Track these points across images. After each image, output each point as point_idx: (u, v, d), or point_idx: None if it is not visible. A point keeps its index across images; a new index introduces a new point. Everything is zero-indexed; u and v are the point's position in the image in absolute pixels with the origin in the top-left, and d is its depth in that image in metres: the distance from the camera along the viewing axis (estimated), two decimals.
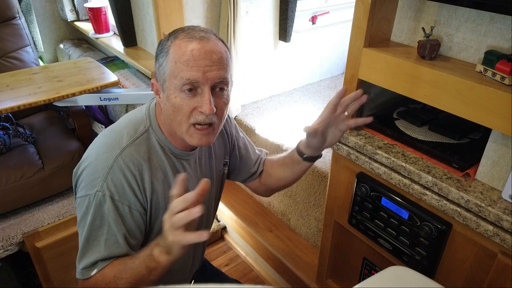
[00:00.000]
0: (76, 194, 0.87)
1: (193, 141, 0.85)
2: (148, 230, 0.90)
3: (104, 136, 0.89)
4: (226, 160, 1.10)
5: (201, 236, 0.68)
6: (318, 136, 0.96)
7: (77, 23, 2.34)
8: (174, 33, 0.84)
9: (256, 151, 1.16)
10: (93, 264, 0.82)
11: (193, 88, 0.80)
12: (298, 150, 1.04)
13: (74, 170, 0.89)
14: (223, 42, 0.86)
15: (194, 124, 0.83)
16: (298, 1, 1.88)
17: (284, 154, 1.11)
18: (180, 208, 0.69)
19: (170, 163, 0.90)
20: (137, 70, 1.95)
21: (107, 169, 0.82)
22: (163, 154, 0.89)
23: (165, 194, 0.88)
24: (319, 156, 1.04)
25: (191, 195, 0.69)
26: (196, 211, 0.67)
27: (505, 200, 0.84)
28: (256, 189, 1.18)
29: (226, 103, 0.86)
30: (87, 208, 0.82)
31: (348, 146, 1.09)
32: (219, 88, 0.83)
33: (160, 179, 0.88)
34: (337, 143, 1.11)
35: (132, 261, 0.80)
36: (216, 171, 1.05)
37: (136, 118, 0.90)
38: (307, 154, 1.02)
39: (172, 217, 0.70)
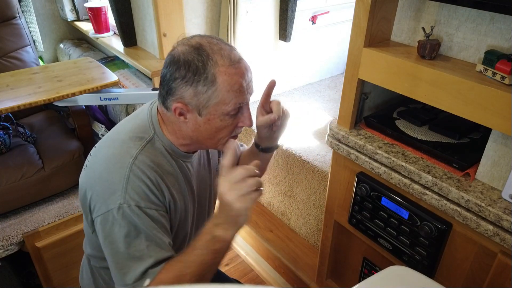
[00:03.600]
0: (92, 213, 0.84)
1: (223, 148, 0.88)
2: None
3: (108, 148, 0.87)
4: (220, 158, 1.11)
5: (261, 191, 0.77)
6: (266, 129, 0.98)
7: (77, 23, 2.34)
8: (210, 58, 0.79)
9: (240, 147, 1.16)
10: (143, 274, 0.79)
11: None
12: (255, 142, 1.06)
13: (83, 187, 0.86)
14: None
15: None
16: (298, 1, 1.88)
17: (245, 152, 1.12)
18: (244, 175, 0.75)
19: (177, 165, 0.91)
20: (137, 70, 1.95)
21: (124, 179, 0.80)
22: (170, 158, 0.89)
23: (178, 196, 0.89)
24: (276, 147, 1.05)
25: (251, 167, 0.77)
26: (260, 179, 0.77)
27: (505, 199, 0.84)
28: None
29: None
30: (112, 224, 0.79)
31: (348, 146, 1.09)
32: None
33: (172, 182, 0.88)
34: (337, 143, 1.11)
35: (191, 254, 0.80)
36: (213, 169, 1.07)
37: (139, 127, 0.89)
38: (262, 146, 1.03)
39: (240, 184, 0.74)
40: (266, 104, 0.96)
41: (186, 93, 0.80)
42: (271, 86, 0.94)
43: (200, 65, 0.79)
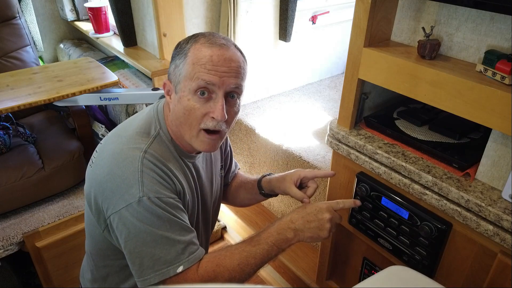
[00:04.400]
0: (105, 211, 0.83)
1: (200, 147, 0.86)
2: None
3: (115, 143, 0.87)
4: (222, 163, 1.12)
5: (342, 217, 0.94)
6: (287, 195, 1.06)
7: (77, 23, 2.34)
8: (195, 37, 0.84)
9: (234, 161, 1.21)
10: (175, 260, 0.80)
11: (207, 92, 0.81)
12: (259, 184, 1.11)
13: (91, 184, 0.86)
14: (241, 52, 0.87)
15: (203, 129, 0.84)
16: (298, 1, 1.88)
17: (250, 177, 1.18)
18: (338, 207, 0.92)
19: (183, 162, 0.91)
20: (137, 70, 1.95)
21: (138, 173, 0.80)
22: (176, 154, 0.90)
23: (186, 189, 0.90)
24: (276, 195, 1.12)
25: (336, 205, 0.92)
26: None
27: (505, 199, 0.84)
28: (228, 199, 1.23)
29: (236, 112, 0.88)
30: (135, 217, 0.79)
31: (348, 146, 1.09)
32: (232, 95, 0.84)
33: (180, 176, 0.88)
34: (337, 143, 1.11)
35: (256, 247, 0.86)
36: (216, 174, 1.08)
37: (145, 122, 0.89)
38: (265, 192, 1.11)
39: (334, 212, 0.90)
40: (307, 179, 1.03)
41: (170, 68, 0.86)
42: (328, 175, 1.05)
43: (184, 43, 0.85)
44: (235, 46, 0.86)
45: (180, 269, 0.79)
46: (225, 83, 0.81)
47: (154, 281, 0.79)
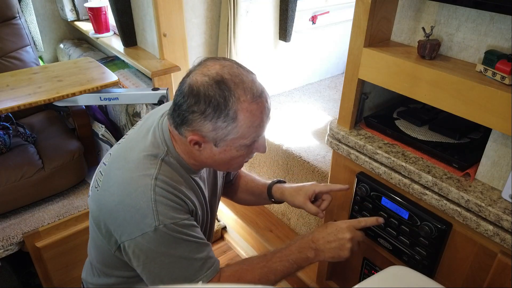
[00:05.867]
0: (116, 236, 0.83)
1: (235, 170, 0.97)
2: None
3: (123, 170, 0.84)
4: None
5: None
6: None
7: (77, 23, 2.34)
8: (231, 92, 0.76)
9: None
10: (194, 276, 0.83)
11: None
12: (269, 191, 1.13)
13: (100, 209, 0.85)
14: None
15: None
16: (298, 1, 1.88)
17: (257, 181, 1.18)
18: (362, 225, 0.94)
19: (192, 179, 0.91)
20: (137, 70, 1.95)
21: (151, 202, 0.79)
22: (184, 172, 0.89)
23: (198, 207, 0.90)
24: (283, 202, 1.14)
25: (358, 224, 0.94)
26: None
27: (505, 200, 0.84)
28: (229, 196, 1.24)
29: None
30: (152, 243, 0.79)
31: (348, 146, 1.09)
32: None
33: (191, 195, 0.88)
34: (337, 143, 1.11)
35: (277, 264, 0.88)
36: (219, 176, 1.08)
37: (151, 143, 0.86)
38: (275, 199, 1.13)
39: (355, 231, 0.92)
40: (322, 194, 1.05)
41: (204, 127, 0.79)
42: (343, 189, 1.05)
43: (222, 101, 0.76)
44: (255, 76, 0.85)
45: (199, 284, 0.81)
46: (268, 122, 0.85)
47: None
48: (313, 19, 2.08)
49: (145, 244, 0.79)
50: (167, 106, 0.94)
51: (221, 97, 0.76)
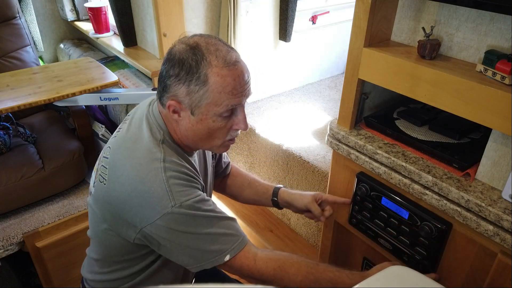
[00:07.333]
0: (135, 224, 0.83)
1: (219, 151, 0.93)
2: None
3: (129, 158, 0.85)
4: (213, 153, 1.14)
5: None
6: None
7: (77, 23, 2.34)
8: (203, 56, 0.80)
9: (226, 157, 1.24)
10: (220, 250, 0.84)
11: (231, 110, 0.84)
12: (274, 195, 1.15)
13: (112, 202, 0.85)
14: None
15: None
16: (298, 1, 1.88)
17: (262, 181, 1.20)
18: None
19: (191, 160, 0.93)
20: (137, 70, 1.96)
21: (165, 184, 0.81)
22: (182, 152, 0.91)
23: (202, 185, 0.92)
24: (281, 208, 1.18)
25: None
26: None
27: (505, 199, 0.84)
28: (221, 189, 1.25)
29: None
30: (173, 224, 0.81)
31: (348, 146, 1.09)
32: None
33: (196, 171, 0.91)
34: (338, 143, 1.11)
35: (323, 275, 0.88)
36: (209, 164, 1.09)
37: (150, 129, 0.88)
38: (278, 201, 1.15)
39: None
40: (326, 203, 1.10)
41: (179, 91, 0.82)
42: (346, 202, 1.09)
43: (194, 64, 0.80)
44: (234, 49, 0.86)
45: (227, 257, 0.84)
46: (245, 96, 0.85)
47: (207, 267, 0.84)
48: (313, 19, 2.08)
49: (165, 226, 0.81)
50: (151, 98, 0.97)
51: (193, 61, 0.80)
